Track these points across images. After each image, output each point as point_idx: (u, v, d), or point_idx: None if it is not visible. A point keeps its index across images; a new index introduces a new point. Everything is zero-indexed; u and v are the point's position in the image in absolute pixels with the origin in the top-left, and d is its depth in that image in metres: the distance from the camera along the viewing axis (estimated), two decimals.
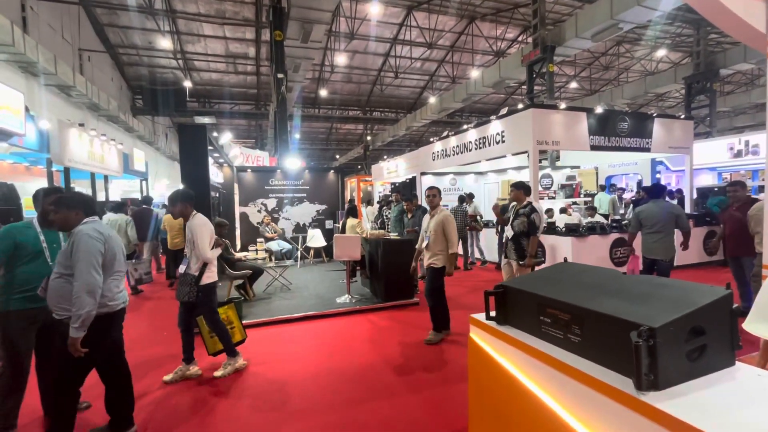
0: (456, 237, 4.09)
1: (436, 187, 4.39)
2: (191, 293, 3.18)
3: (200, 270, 3.22)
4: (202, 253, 3.18)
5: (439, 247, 4.08)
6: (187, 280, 3.20)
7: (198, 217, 3.30)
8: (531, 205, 4.23)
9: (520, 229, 4.17)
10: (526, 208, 4.21)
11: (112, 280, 2.36)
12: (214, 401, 2.98)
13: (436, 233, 4.10)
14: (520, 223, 4.17)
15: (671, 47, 17.96)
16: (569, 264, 2.05)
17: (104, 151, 10.21)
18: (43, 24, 10.32)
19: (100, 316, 2.24)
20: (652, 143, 8.00)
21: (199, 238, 3.17)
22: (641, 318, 1.24)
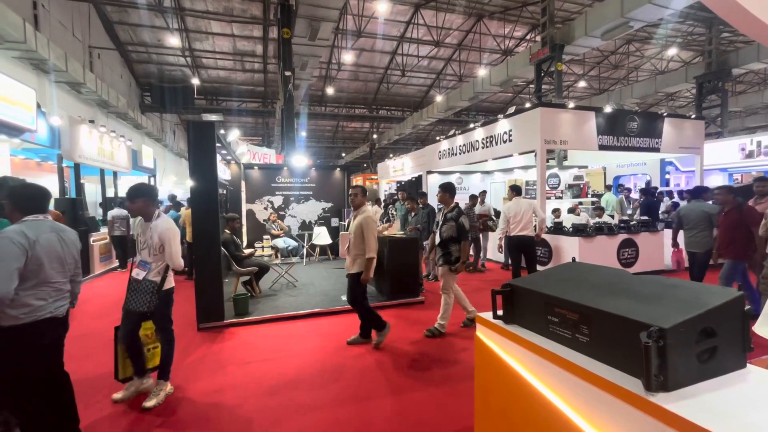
0: (375, 241, 3.79)
1: (360, 185, 4.12)
2: (152, 302, 2.78)
3: (163, 276, 2.88)
4: (175, 261, 2.85)
5: (357, 251, 3.82)
6: (148, 287, 2.79)
7: (165, 219, 2.94)
8: (458, 209, 4.07)
9: (449, 235, 3.98)
10: (453, 211, 4.03)
11: (34, 291, 2.05)
12: (220, 396, 3.01)
13: (355, 236, 3.82)
14: (448, 228, 3.98)
15: (682, 46, 17.72)
16: (577, 264, 2.04)
17: (113, 147, 10.33)
18: (54, 21, 10.44)
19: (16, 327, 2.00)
20: (661, 143, 7.91)
21: (172, 243, 2.83)
22: (651, 318, 1.23)
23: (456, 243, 3.99)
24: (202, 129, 4.55)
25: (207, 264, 4.54)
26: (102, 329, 4.60)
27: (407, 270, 5.48)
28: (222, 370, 3.45)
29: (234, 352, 3.88)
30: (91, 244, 7.85)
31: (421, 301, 5.49)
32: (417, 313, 5.10)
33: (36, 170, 9.91)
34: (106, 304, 5.81)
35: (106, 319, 5.08)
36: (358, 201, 3.95)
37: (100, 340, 4.13)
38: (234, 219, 6.20)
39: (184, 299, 5.92)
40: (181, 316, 5.03)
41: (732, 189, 4.48)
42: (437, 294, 6.02)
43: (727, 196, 4.38)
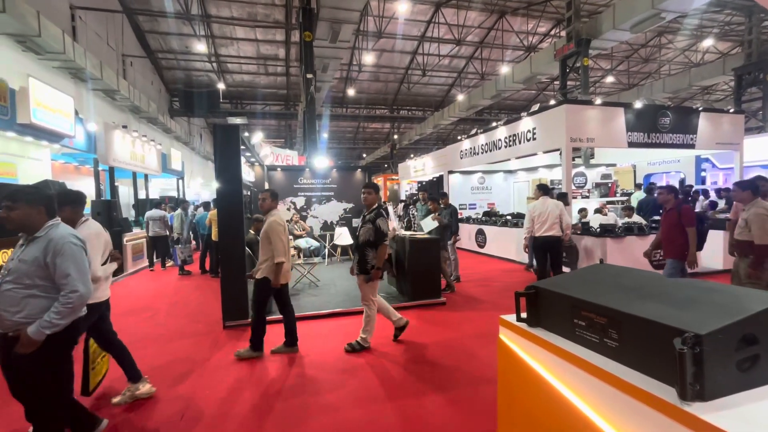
0: (283, 245, 3.59)
1: (269, 190, 3.98)
2: None
3: None
4: (92, 269, 2.40)
5: (264, 256, 3.67)
6: None
7: (90, 223, 2.72)
8: (378, 209, 3.77)
9: (366, 238, 3.70)
10: (373, 212, 3.73)
11: None
12: (243, 393, 3.08)
13: (262, 241, 3.70)
14: (366, 231, 3.70)
15: (719, 36, 16.82)
16: (606, 266, 1.97)
17: (145, 151, 10.77)
18: (90, 32, 10.99)
19: None
20: (697, 139, 7.53)
21: (90, 251, 2.30)
22: (686, 324, 1.17)
23: (373, 248, 3.70)
24: (228, 132, 4.68)
25: (232, 263, 4.66)
26: (129, 325, 4.83)
27: (428, 271, 5.44)
28: (246, 368, 3.53)
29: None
30: (125, 243, 8.21)
31: (442, 302, 5.44)
32: (439, 314, 5.06)
33: (74, 174, 10.46)
34: (137, 302, 6.07)
35: (137, 316, 5.30)
36: (266, 205, 3.82)
37: (128, 337, 4.32)
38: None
39: (211, 297, 6.12)
40: (207, 314, 5.21)
41: (672, 188, 4.42)
42: (460, 294, 5.96)
43: (667, 195, 4.33)
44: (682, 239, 4.10)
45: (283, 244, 3.62)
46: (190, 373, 3.46)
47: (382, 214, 3.73)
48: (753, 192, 3.71)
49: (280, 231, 3.64)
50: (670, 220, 4.24)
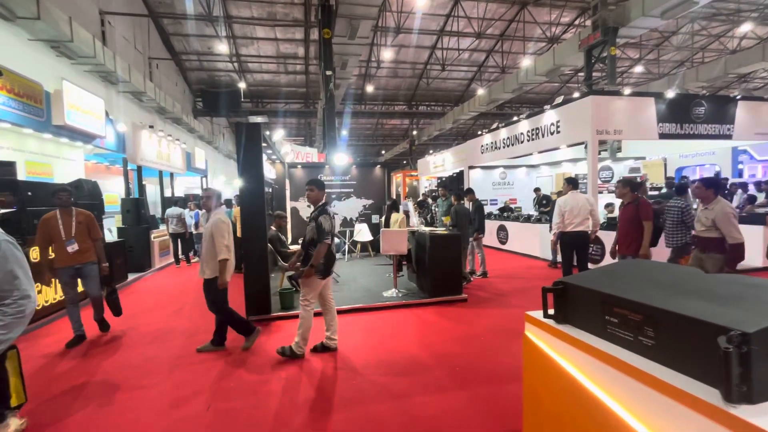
0: (224, 243, 3.55)
1: (211, 189, 3.91)
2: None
3: None
4: None
5: (210, 255, 3.62)
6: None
7: None
8: (323, 207, 3.63)
9: (310, 237, 3.56)
10: (317, 210, 3.62)
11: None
12: (268, 386, 3.13)
13: (207, 240, 3.63)
14: (310, 230, 3.58)
15: (758, 21, 15.85)
16: (639, 261, 1.89)
17: (170, 150, 11.09)
18: (118, 36, 11.38)
19: None
20: (734, 130, 7.13)
21: None
22: (731, 322, 1.10)
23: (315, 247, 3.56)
24: (250, 130, 4.75)
25: (255, 259, 4.74)
26: (157, 319, 4.98)
27: (449, 267, 5.38)
28: (270, 363, 3.59)
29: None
30: (152, 240, 8.49)
31: (464, 298, 5.37)
32: (459, 310, 5.00)
33: (105, 173, 10.89)
34: (163, 297, 6.27)
35: (164, 310, 5.47)
36: (210, 203, 3.78)
37: (156, 331, 4.45)
38: (281, 217, 6.43)
39: (234, 292, 6.24)
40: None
41: (629, 182, 4.35)
42: (482, 291, 5.87)
43: (623, 189, 4.31)
44: (638, 234, 4.14)
45: (226, 242, 3.60)
46: (214, 366, 3.54)
47: (326, 211, 3.61)
48: (716, 191, 3.78)
49: (224, 229, 3.63)
50: (627, 214, 4.26)
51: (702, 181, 3.90)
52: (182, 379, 3.28)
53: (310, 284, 3.63)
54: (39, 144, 7.03)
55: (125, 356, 3.84)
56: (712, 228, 3.70)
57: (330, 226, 3.56)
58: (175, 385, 3.18)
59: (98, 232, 4.23)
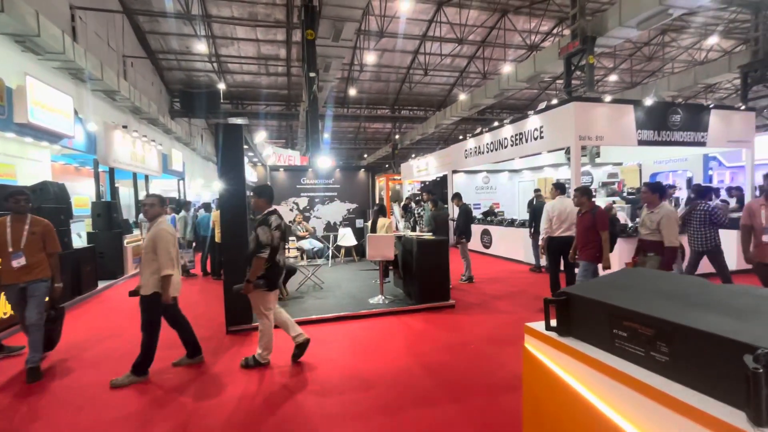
0: (167, 257, 3.24)
1: (156, 195, 3.56)
2: None
3: None
4: None
5: (151, 269, 3.28)
6: None
7: None
8: (265, 216, 3.40)
9: (252, 248, 3.37)
10: (260, 219, 3.40)
11: None
12: (247, 402, 2.95)
13: (147, 251, 3.28)
14: (252, 239, 3.38)
15: (723, 34, 16.66)
16: (638, 269, 1.84)
17: (145, 151, 10.66)
18: (90, 33, 10.87)
19: None
20: (708, 137, 7.39)
21: None
22: (757, 339, 1.04)
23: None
24: (230, 131, 4.56)
25: (235, 266, 4.52)
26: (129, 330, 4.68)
27: (437, 273, 5.31)
28: (251, 375, 3.40)
29: None
30: (125, 246, 8.09)
31: (451, 304, 5.31)
32: (447, 317, 4.93)
33: (74, 175, 10.34)
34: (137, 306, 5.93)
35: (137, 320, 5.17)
36: (153, 212, 3.41)
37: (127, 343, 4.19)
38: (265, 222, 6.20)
39: (214, 300, 5.99)
40: (210, 318, 5.07)
41: (585, 191, 4.51)
42: (469, 296, 5.83)
43: (581, 198, 4.47)
44: (595, 242, 4.28)
45: (170, 255, 3.29)
46: (192, 381, 3.33)
47: (266, 221, 3.36)
48: (660, 195, 3.92)
49: (170, 241, 3.32)
50: (584, 223, 4.40)
51: (648, 186, 4.03)
52: (154, 398, 3.06)
53: (259, 297, 3.43)
54: (1, 143, 6.58)
55: (88, 375, 3.57)
56: (656, 231, 3.83)
57: (268, 238, 3.30)
58: (152, 403, 2.96)
59: (56, 245, 3.67)
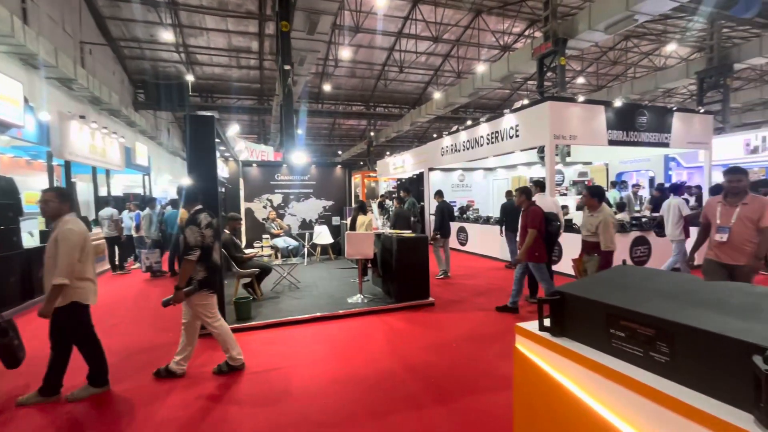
0: (66, 262, 2.71)
1: (55, 189, 3.20)
2: None
3: None
4: None
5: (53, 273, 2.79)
6: None
7: None
8: (193, 215, 3.17)
9: (181, 250, 3.14)
10: (188, 218, 3.17)
11: None
12: (221, 410, 2.78)
13: (49, 257, 2.78)
14: (181, 240, 3.14)
15: (681, 42, 17.62)
16: (631, 267, 1.84)
17: (106, 144, 10.02)
18: (43, 16, 10.07)
19: None
20: (671, 138, 7.75)
21: None
22: (764, 339, 1.02)
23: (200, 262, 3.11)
24: (201, 123, 4.30)
25: None
26: None
27: (416, 271, 5.27)
28: (225, 382, 3.22)
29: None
30: None
31: (431, 302, 5.28)
32: (427, 315, 4.89)
33: (26, 169, 9.56)
34: (98, 309, 5.54)
35: (99, 326, 4.81)
36: (51, 210, 2.87)
37: None
38: (235, 219, 5.95)
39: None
40: (177, 321, 4.78)
41: (525, 190, 4.76)
42: (447, 293, 5.82)
43: (520, 198, 4.71)
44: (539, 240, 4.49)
45: (71, 260, 2.74)
46: (157, 390, 3.11)
47: (195, 220, 3.07)
48: (599, 199, 4.07)
49: (74, 243, 2.77)
50: (523, 221, 4.59)
51: (588, 190, 4.16)
52: (120, 409, 2.83)
53: (200, 304, 3.18)
54: None
55: None
56: (596, 233, 3.98)
57: (197, 238, 3.03)
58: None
59: None
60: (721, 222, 3.22)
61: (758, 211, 3.09)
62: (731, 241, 3.14)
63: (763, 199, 3.14)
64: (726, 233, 3.17)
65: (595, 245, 4.03)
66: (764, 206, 3.09)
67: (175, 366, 3.32)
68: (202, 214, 3.20)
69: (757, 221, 3.09)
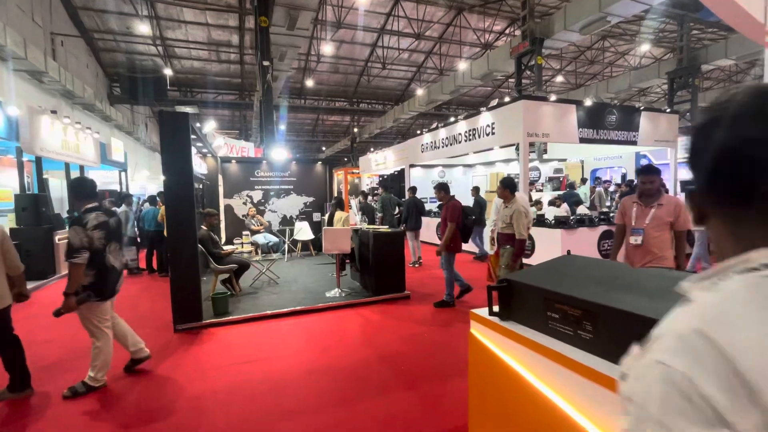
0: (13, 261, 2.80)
1: None
2: None
3: None
4: None
5: None
6: None
7: None
8: (81, 215, 2.91)
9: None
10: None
11: None
12: (200, 402, 2.85)
13: None
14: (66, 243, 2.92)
15: (654, 42, 18.22)
16: (574, 257, 1.99)
17: (79, 140, 9.77)
18: (11, 5, 9.71)
19: None
20: (639, 136, 8.08)
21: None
22: (661, 314, 1.17)
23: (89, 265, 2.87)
24: (176, 119, 4.30)
25: (182, 261, 4.31)
26: (66, 334, 4.32)
27: (392, 265, 5.39)
28: (202, 375, 3.28)
29: (214, 354, 3.71)
30: (56, 242, 7.41)
31: (406, 295, 5.42)
32: (403, 308, 5.03)
33: None
34: None
35: (73, 323, 4.78)
36: None
37: (63, 349, 3.87)
38: (212, 215, 5.95)
39: (160, 298, 5.67)
40: (156, 317, 4.80)
41: (443, 187, 5.12)
42: (423, 287, 5.97)
43: (440, 193, 5.05)
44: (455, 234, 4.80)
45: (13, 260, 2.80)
46: (135, 383, 3.15)
47: (80, 221, 2.85)
48: (511, 191, 4.20)
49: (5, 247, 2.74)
50: (443, 215, 4.90)
51: (501, 183, 4.29)
52: (105, 407, 2.86)
53: (88, 309, 2.95)
54: None
55: None
56: (511, 225, 4.09)
57: (82, 240, 2.79)
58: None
59: None
60: (636, 224, 2.98)
61: (673, 213, 2.87)
62: (645, 244, 2.91)
63: (677, 201, 2.95)
64: (640, 235, 2.93)
65: (510, 237, 4.11)
66: (679, 207, 2.88)
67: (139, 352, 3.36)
68: (92, 213, 2.91)
69: (673, 223, 2.89)
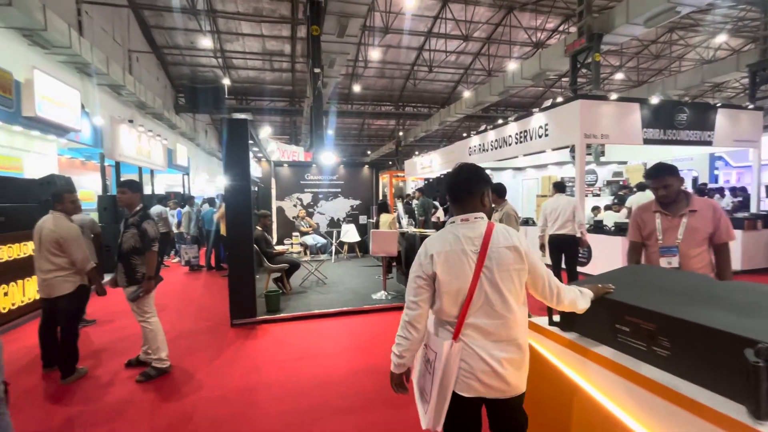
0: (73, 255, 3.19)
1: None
2: None
3: None
4: None
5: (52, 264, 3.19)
6: None
7: None
8: (144, 211, 3.33)
9: (131, 245, 3.22)
10: (137, 215, 3.28)
11: None
12: (254, 395, 2.99)
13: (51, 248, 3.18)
14: (130, 236, 3.23)
15: (732, 33, 16.48)
16: (643, 266, 1.85)
17: (151, 146, 10.72)
18: (96, 27, 10.91)
19: None
20: (714, 136, 7.33)
21: None
22: (758, 333, 1.05)
23: (139, 254, 3.24)
24: (236, 126, 4.58)
25: (240, 260, 4.57)
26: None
27: None
28: (256, 369, 3.45)
29: (267, 349, 3.88)
30: None
31: None
32: None
33: (81, 169, 10.42)
34: None
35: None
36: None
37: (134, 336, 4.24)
38: (266, 216, 6.25)
39: (218, 294, 6.05)
40: (214, 312, 5.13)
41: (421, 190, 4.56)
42: None
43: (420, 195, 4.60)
44: None
45: None
46: (196, 373, 3.38)
47: (148, 216, 3.30)
48: (499, 195, 4.06)
49: None
50: None
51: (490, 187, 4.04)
52: (158, 392, 3.11)
53: (146, 298, 3.31)
54: (8, 137, 6.64)
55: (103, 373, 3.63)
56: None
57: (156, 232, 3.29)
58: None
59: None
60: (665, 240, 2.15)
61: (712, 221, 2.11)
62: (685, 266, 2.08)
63: (713, 204, 2.21)
64: (675, 256, 2.09)
65: None
66: (718, 213, 2.14)
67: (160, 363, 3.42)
68: (149, 212, 3.42)
69: (712, 235, 2.12)
